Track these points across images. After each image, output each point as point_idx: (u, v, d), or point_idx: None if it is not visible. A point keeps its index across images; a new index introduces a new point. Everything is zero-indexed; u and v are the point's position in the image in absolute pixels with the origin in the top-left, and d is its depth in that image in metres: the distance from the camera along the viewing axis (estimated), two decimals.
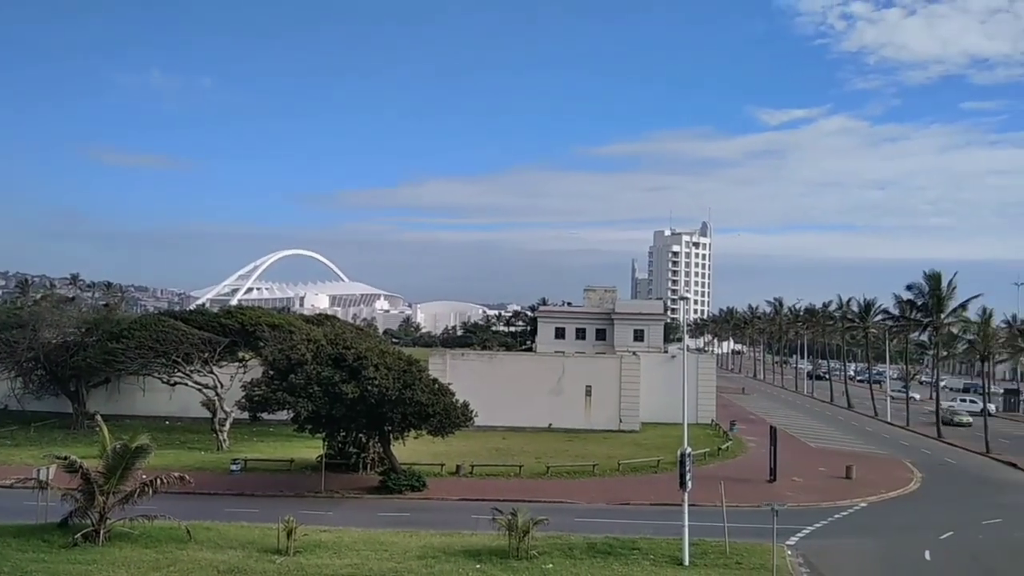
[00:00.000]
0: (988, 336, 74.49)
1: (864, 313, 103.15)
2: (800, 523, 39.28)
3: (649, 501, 43.80)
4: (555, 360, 75.28)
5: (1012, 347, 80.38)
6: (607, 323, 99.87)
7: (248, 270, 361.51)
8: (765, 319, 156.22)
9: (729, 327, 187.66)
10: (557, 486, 47.42)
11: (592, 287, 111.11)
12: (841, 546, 36.52)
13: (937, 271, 76.08)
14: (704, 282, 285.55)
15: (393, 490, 44.33)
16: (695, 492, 35.13)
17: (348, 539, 34.32)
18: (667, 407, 66.06)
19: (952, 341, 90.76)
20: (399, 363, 45.02)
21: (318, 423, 44.68)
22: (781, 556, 32.67)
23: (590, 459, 53.72)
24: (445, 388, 45.99)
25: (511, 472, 50.04)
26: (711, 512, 37.06)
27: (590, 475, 50.59)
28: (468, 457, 52.28)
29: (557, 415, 68.97)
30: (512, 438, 63.47)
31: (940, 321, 76.68)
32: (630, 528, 37.12)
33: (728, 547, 33.48)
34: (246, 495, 43.82)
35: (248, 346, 63.36)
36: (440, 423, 44.48)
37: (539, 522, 32.59)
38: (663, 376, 71.74)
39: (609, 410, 70.22)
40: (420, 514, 40.04)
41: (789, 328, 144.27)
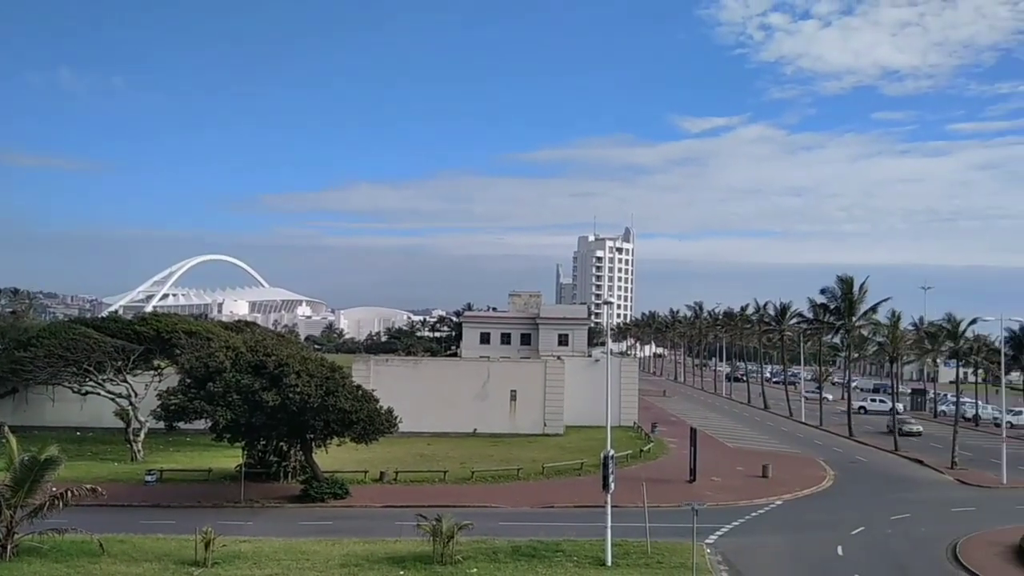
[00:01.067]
0: (897, 338, 77.61)
1: (780, 316, 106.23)
2: (719, 522, 40.22)
3: (573, 503, 44.20)
4: (480, 365, 75.30)
5: (919, 349, 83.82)
6: (532, 328, 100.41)
7: (164, 276, 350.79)
8: (686, 323, 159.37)
9: (651, 331, 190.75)
10: (482, 491, 47.41)
11: (517, 292, 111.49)
12: (758, 543, 37.51)
13: (849, 276, 78.95)
14: (627, 287, 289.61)
15: (315, 498, 43.64)
16: (618, 493, 35.62)
17: (268, 549, 33.67)
18: (591, 410, 66.77)
19: (863, 343, 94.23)
20: (321, 370, 44.38)
21: (237, 432, 43.69)
22: (701, 555, 33.40)
23: (515, 463, 53.90)
24: (369, 395, 45.53)
25: (436, 478, 49.84)
26: (634, 513, 37.66)
27: (515, 479, 50.78)
28: (392, 464, 51.87)
29: (482, 420, 68.99)
30: (437, 444, 63.22)
31: (852, 324, 79.50)
32: (554, 531, 37.42)
33: (650, 547, 34.07)
34: (162, 506, 42.54)
35: (164, 354, 61.56)
36: (364, 430, 44.00)
37: (464, 527, 32.57)
38: (587, 380, 72.50)
39: (534, 414, 70.56)
40: (343, 522, 39.52)
41: (709, 331, 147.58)
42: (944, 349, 75.50)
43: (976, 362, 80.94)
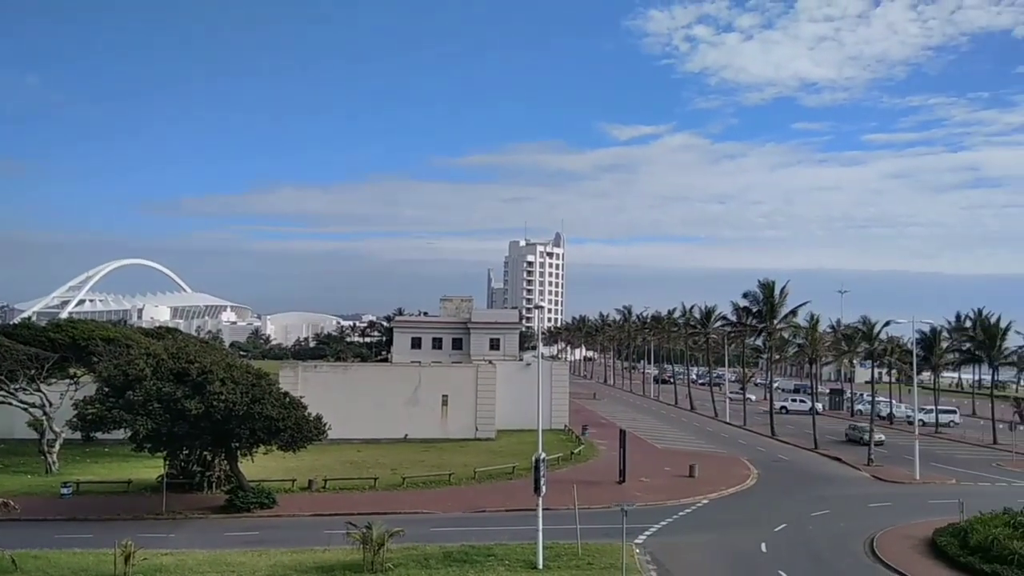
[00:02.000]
0: (815, 340, 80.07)
1: (705, 320, 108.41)
2: (648, 521, 40.86)
3: (505, 507, 44.28)
4: (411, 370, 74.86)
5: (836, 350, 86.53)
6: (464, 332, 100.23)
7: (80, 281, 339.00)
8: (615, 326, 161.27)
9: (581, 335, 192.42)
10: (413, 497, 47.15)
11: (448, 297, 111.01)
12: (686, 542, 38.20)
13: (770, 280, 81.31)
14: (558, 291, 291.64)
15: (241, 508, 42.74)
16: (549, 496, 35.86)
17: (192, 561, 32.87)
18: (522, 414, 67.08)
19: (784, 345, 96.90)
20: (247, 377, 43.52)
21: (159, 441, 42.48)
22: (630, 554, 33.87)
23: (446, 468, 53.76)
24: (296, 401, 44.83)
25: (366, 485, 49.35)
26: (565, 515, 37.94)
27: (446, 484, 50.62)
28: (321, 471, 51.19)
29: (413, 425, 68.58)
30: (367, 450, 62.62)
31: (773, 326, 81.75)
32: (486, 535, 37.45)
33: (580, 548, 34.40)
34: (79, 520, 41.04)
35: (80, 362, 59.54)
36: (291, 437, 43.30)
37: (394, 534, 32.35)
38: (518, 384, 72.83)
39: (465, 419, 70.47)
40: (270, 532, 38.81)
41: (637, 335, 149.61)
42: (860, 350, 78.11)
43: (890, 362, 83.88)
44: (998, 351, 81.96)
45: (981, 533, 34.66)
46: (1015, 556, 31.80)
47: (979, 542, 34.09)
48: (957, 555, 34.34)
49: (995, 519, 36.47)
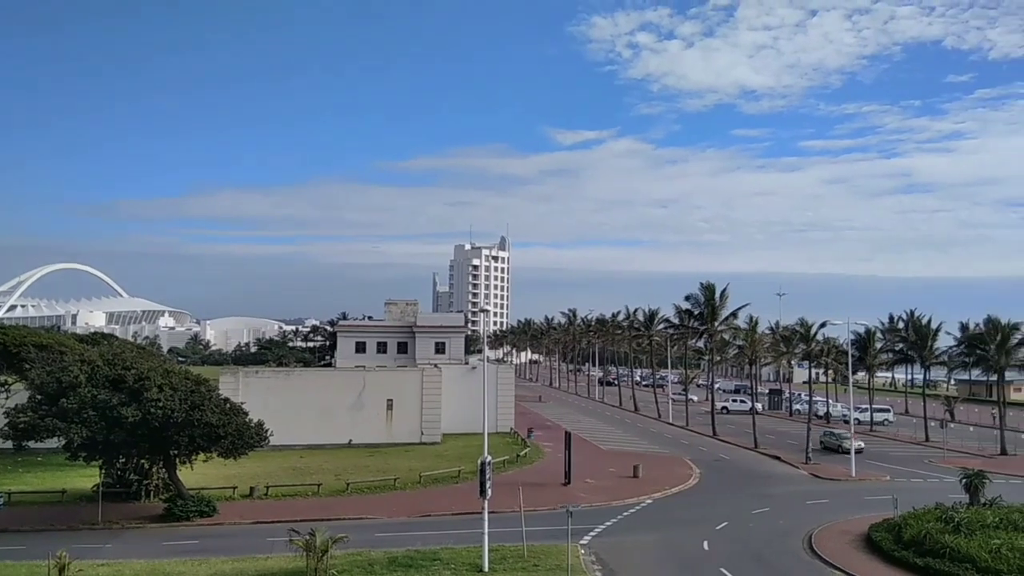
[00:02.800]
0: (755, 341, 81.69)
1: (649, 322, 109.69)
2: (593, 522, 41.17)
3: (451, 511, 44.18)
4: (355, 375, 74.22)
5: (775, 351, 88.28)
6: (409, 336, 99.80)
7: (11, 286, 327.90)
8: (560, 329, 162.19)
9: (527, 338, 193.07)
10: (358, 502, 46.76)
11: (393, 301, 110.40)
12: (630, 541, 38.60)
13: (712, 283, 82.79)
14: (503, 294, 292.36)
15: (180, 517, 41.88)
16: (495, 499, 35.91)
17: (129, 572, 32.17)
18: (468, 417, 67.10)
19: (725, 346, 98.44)
20: (186, 383, 42.70)
21: (94, 450, 41.40)
22: (575, 555, 34.12)
23: (391, 473, 53.44)
24: (237, 408, 44.14)
25: (309, 491, 48.78)
26: (511, 517, 38.05)
27: (391, 489, 50.30)
28: (263, 478, 50.44)
29: (358, 430, 68.02)
30: (311, 456, 61.90)
31: (714, 328, 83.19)
32: (432, 539, 37.35)
33: (526, 550, 34.51)
34: (11, 531, 39.74)
35: (11, 368, 57.78)
36: (232, 444, 42.61)
37: (338, 540, 31.98)
38: (464, 387, 72.81)
39: (411, 423, 70.13)
40: (210, 540, 38.10)
41: (582, 337, 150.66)
42: (798, 351, 79.85)
43: (826, 363, 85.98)
44: (929, 351, 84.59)
45: (914, 528, 35.75)
46: (946, 550, 32.84)
47: (912, 537, 35.16)
48: (892, 550, 35.34)
49: (927, 514, 37.65)
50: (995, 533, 33.95)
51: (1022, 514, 36.86)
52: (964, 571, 31.17)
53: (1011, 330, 72.85)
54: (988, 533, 34.00)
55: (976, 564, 31.26)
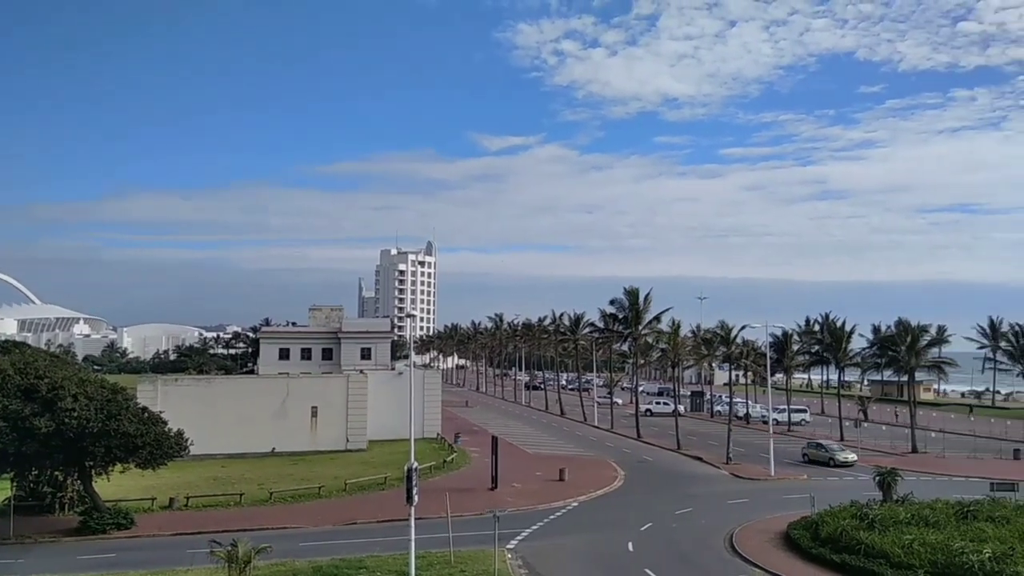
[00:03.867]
0: (677, 344, 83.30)
1: (574, 326, 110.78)
2: (520, 526, 41.35)
3: (377, 519, 43.81)
4: (279, 382, 72.89)
5: (697, 354, 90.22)
6: (334, 342, 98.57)
7: None
8: (487, 334, 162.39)
9: (454, 343, 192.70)
10: (281, 512, 45.93)
11: (318, 306, 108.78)
12: (556, 545, 38.90)
13: (635, 288, 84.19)
14: (430, 300, 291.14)
15: (96, 530, 40.47)
16: (422, 505, 35.71)
17: None
18: (395, 423, 66.66)
19: (648, 350, 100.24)
20: (102, 392, 41.37)
21: (5, 462, 39.83)
22: (502, 560, 34.22)
23: (316, 481, 52.67)
24: (156, 417, 42.97)
25: (231, 501, 47.71)
26: (438, 524, 37.97)
27: (316, 497, 49.58)
28: (183, 489, 49.13)
29: (281, 438, 66.80)
30: (233, 465, 60.55)
31: (638, 332, 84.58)
32: (358, 547, 36.97)
33: (453, 556, 34.47)
34: None
35: None
36: (150, 454, 41.46)
37: (261, 550, 31.38)
38: (390, 393, 72.23)
39: (336, 430, 69.26)
40: (128, 554, 36.93)
41: (509, 342, 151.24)
42: (718, 354, 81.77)
43: (746, 365, 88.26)
44: (843, 353, 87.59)
45: (831, 525, 36.96)
46: (861, 546, 34.04)
47: (829, 534, 36.34)
48: (809, 547, 36.44)
49: (843, 512, 38.97)
50: (907, 529, 35.31)
51: (932, 510, 38.44)
52: (878, 566, 32.33)
53: (920, 332, 76.11)
54: (901, 529, 35.35)
55: (890, 559, 32.45)
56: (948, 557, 31.33)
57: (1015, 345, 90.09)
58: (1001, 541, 32.85)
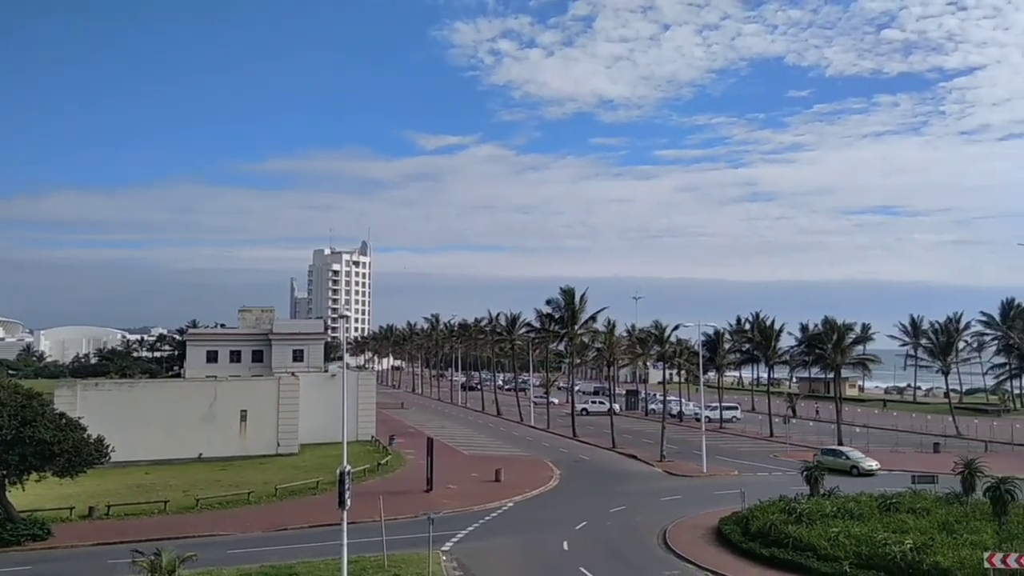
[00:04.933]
0: (612, 344, 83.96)
1: (511, 327, 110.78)
2: (455, 528, 40.98)
3: (308, 524, 42.88)
4: (206, 385, 71.02)
5: (631, 353, 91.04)
6: (264, 344, 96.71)
7: None
8: (423, 335, 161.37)
9: (389, 344, 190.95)
10: (208, 519, 44.59)
11: (248, 307, 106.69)
12: (492, 546, 38.63)
13: (571, 288, 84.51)
14: (364, 300, 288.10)
15: (10, 542, 38.62)
16: (355, 509, 35.08)
17: None
18: (328, 426, 65.54)
19: (584, 349, 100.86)
20: (16, 398, 39.64)
21: None
22: (437, 562, 33.80)
23: (245, 487, 51.36)
24: (74, 423, 41.33)
25: (155, 509, 46.16)
26: (371, 527, 37.35)
27: (245, 504, 48.32)
28: (104, 497, 47.36)
29: (209, 443, 65.07)
30: (158, 472, 58.72)
31: (574, 332, 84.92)
32: (288, 554, 36.11)
33: (387, 560, 33.91)
34: None
35: None
36: (68, 462, 39.82)
37: (187, 559, 30.28)
38: (323, 396, 71.05)
39: (267, 434, 67.79)
40: (44, 566, 35.37)
41: (445, 343, 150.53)
42: (653, 353, 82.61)
43: (679, 363, 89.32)
44: (773, 351, 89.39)
45: (760, 520, 37.53)
46: (789, 539, 34.63)
47: (759, 528, 36.89)
48: (740, 541, 36.93)
49: (772, 506, 39.63)
50: (833, 522, 36.07)
51: (857, 503, 39.45)
52: (806, 559, 32.94)
53: (846, 330, 78.16)
54: (827, 522, 36.09)
55: (817, 552, 33.10)
56: (872, 548, 32.08)
57: (935, 342, 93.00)
58: (922, 532, 33.84)
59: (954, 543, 32.29)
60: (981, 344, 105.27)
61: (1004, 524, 34.86)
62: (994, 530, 34.16)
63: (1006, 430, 77.16)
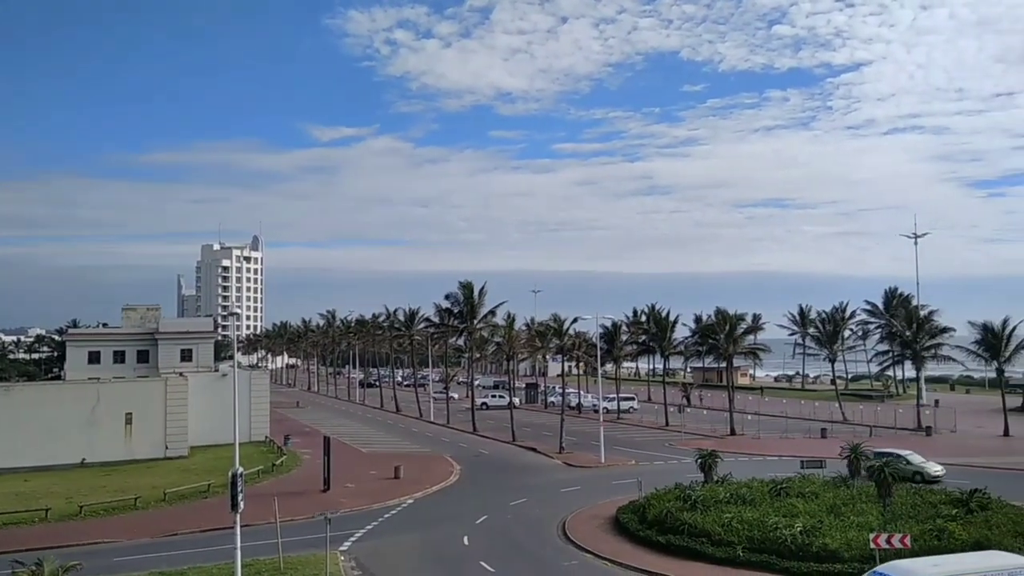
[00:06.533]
0: (512, 338, 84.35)
1: (409, 322, 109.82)
2: (353, 527, 40.35)
3: (199, 528, 41.42)
4: (88, 387, 67.66)
5: (531, 346, 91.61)
6: (151, 344, 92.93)
7: None
8: (319, 332, 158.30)
9: (283, 341, 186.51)
10: (93, 526, 42.50)
11: (132, 306, 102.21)
12: (391, 543, 38.18)
13: (471, 282, 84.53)
14: (257, 297, 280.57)
15: None
16: (249, 512, 34.11)
17: None
18: (219, 428, 63.57)
19: (484, 343, 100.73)
20: None
21: None
22: (335, 562, 33.20)
23: (132, 492, 49.25)
24: None
25: (35, 517, 43.70)
26: (266, 530, 36.37)
27: (132, 509, 46.29)
28: None
29: (92, 448, 62.07)
30: (37, 479, 55.62)
31: (473, 326, 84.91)
32: (179, 559, 34.79)
33: (282, 562, 33.09)
34: None
35: None
36: None
37: (70, 568, 28.67)
38: (214, 396, 68.79)
39: (154, 437, 65.16)
40: None
41: (342, 339, 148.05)
42: (552, 346, 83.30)
43: (578, 356, 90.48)
44: (668, 342, 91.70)
45: (657, 508, 38.31)
46: (685, 526, 35.46)
47: (655, 516, 37.64)
48: (637, 530, 37.59)
49: (668, 494, 40.52)
50: (727, 508, 37.15)
51: (749, 488, 40.75)
52: (701, 545, 33.82)
53: (737, 320, 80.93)
54: (721, 508, 37.13)
55: (711, 537, 34.02)
56: (764, 532, 33.21)
57: (822, 331, 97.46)
58: (811, 515, 35.22)
59: (841, 525, 33.77)
60: (865, 332, 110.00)
61: (888, 505, 36.59)
62: (879, 511, 35.83)
63: (889, 415, 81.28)
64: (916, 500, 38.16)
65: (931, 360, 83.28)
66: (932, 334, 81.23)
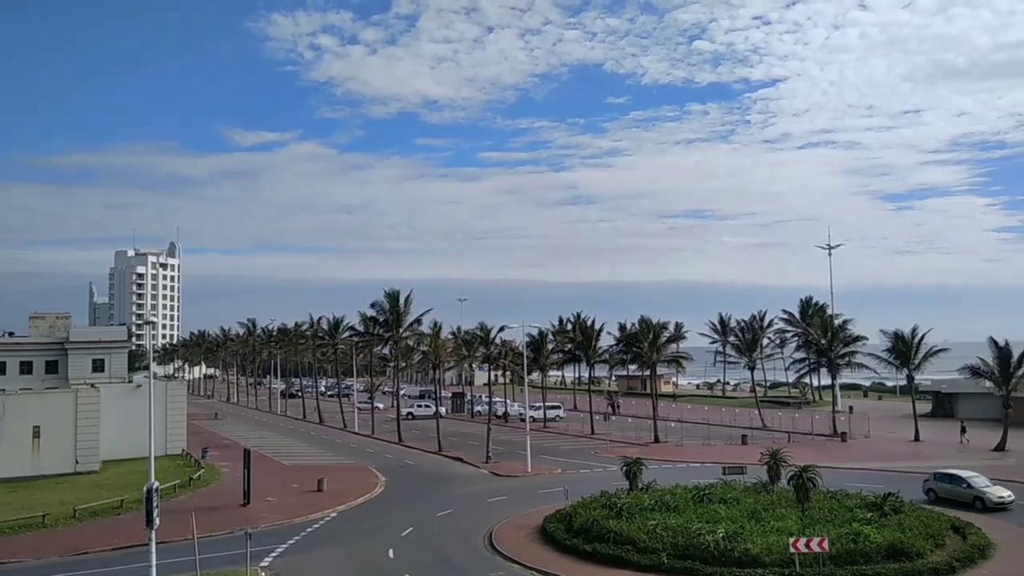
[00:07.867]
0: (438, 347, 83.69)
1: (333, 330, 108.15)
2: (274, 542, 39.28)
3: (112, 546, 39.73)
4: None
5: (457, 355, 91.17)
6: (60, 354, 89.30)
7: None
8: (239, 341, 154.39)
9: (201, 351, 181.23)
10: None
11: (40, 314, 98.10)
12: (313, 558, 37.28)
13: (396, 290, 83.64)
14: (174, 305, 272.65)
15: None
16: (165, 528, 32.80)
17: None
18: (134, 441, 61.67)
19: (410, 352, 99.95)
20: None
21: None
22: None
23: (39, 509, 46.99)
24: None
25: None
26: (183, 546, 35.08)
27: (40, 527, 44.15)
28: None
29: None
30: None
31: (399, 335, 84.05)
32: None
33: None
34: None
35: None
36: None
37: None
38: (128, 408, 66.60)
39: (64, 451, 62.43)
40: None
41: (263, 349, 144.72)
42: (478, 354, 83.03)
43: (504, 365, 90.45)
44: (594, 350, 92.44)
45: (583, 516, 38.40)
46: (611, 534, 35.62)
47: (582, 524, 37.70)
48: (564, 538, 37.56)
49: (594, 502, 40.70)
50: (651, 515, 37.49)
51: (673, 495, 41.16)
52: (626, 552, 33.99)
53: (660, 329, 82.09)
54: (645, 515, 37.46)
55: (636, 545, 34.21)
56: (687, 539, 33.59)
57: (741, 339, 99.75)
58: (732, 520, 35.80)
59: (762, 530, 34.42)
60: (783, 340, 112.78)
61: (806, 510, 37.47)
62: (798, 516, 36.63)
63: (807, 421, 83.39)
64: (833, 505, 39.17)
65: (845, 367, 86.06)
66: (846, 342, 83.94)
